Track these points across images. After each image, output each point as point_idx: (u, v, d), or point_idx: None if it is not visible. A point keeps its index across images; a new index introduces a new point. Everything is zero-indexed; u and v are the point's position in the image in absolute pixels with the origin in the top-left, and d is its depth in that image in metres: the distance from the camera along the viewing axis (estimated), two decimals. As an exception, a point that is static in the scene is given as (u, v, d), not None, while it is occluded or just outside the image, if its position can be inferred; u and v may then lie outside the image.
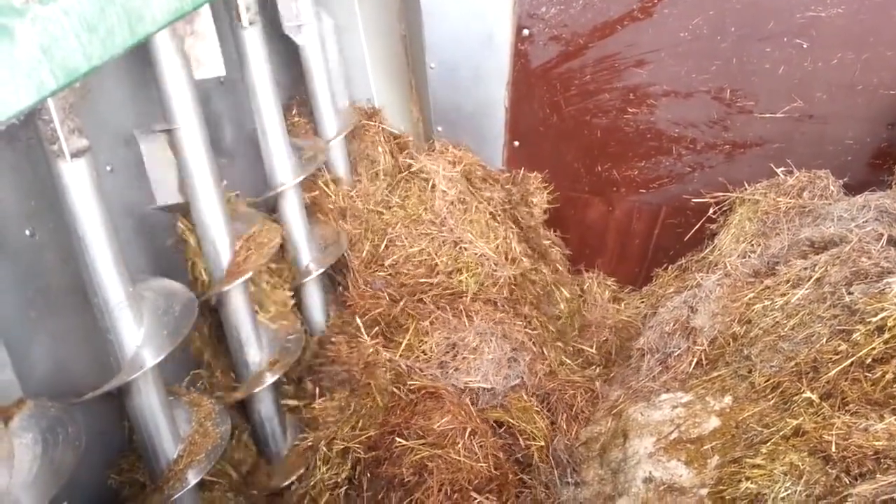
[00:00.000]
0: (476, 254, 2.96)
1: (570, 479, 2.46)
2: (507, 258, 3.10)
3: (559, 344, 3.03)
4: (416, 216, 3.02)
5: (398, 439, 2.26)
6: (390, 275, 2.84)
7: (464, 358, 2.57)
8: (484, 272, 2.94)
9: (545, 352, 2.84)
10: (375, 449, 2.28)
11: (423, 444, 2.24)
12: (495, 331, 2.68)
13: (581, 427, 2.65)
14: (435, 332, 2.64)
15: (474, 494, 2.14)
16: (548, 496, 2.41)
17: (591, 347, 3.14)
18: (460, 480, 2.17)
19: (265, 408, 2.39)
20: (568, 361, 2.94)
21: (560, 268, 3.44)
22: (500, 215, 3.23)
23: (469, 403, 2.44)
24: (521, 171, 3.51)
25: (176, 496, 1.86)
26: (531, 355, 2.72)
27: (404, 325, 2.69)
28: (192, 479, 1.90)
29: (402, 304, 2.76)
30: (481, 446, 2.28)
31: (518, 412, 2.53)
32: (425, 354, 2.59)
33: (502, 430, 2.50)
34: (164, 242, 2.19)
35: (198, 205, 2.09)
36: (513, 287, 3.00)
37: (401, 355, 2.56)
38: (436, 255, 2.91)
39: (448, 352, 2.60)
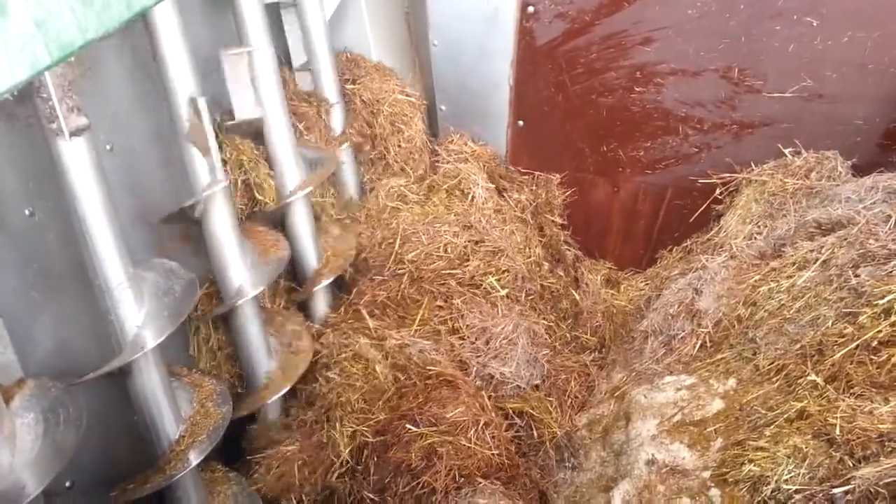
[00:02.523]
0: (510, 263, 2.93)
1: (567, 464, 2.47)
2: (535, 266, 3.09)
3: (567, 335, 3.02)
4: (435, 215, 2.97)
5: (409, 426, 2.26)
6: (411, 271, 2.81)
7: (499, 346, 2.57)
8: (510, 277, 2.91)
9: (556, 346, 2.85)
10: (383, 434, 2.28)
11: (433, 431, 2.25)
12: (523, 323, 2.68)
13: (575, 412, 2.66)
14: (468, 311, 2.62)
15: (480, 480, 2.14)
16: (542, 477, 2.42)
17: (586, 333, 3.13)
18: (469, 467, 2.17)
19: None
20: (562, 348, 2.93)
21: (572, 271, 3.42)
22: (529, 221, 3.20)
23: (485, 396, 2.44)
24: (542, 175, 3.49)
25: (177, 476, 1.87)
26: (548, 350, 2.73)
27: (419, 302, 2.67)
28: (194, 459, 1.90)
29: (416, 283, 2.73)
30: (493, 437, 2.29)
31: (536, 402, 2.54)
32: (457, 334, 2.58)
33: (523, 422, 2.51)
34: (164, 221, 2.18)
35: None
36: (531, 290, 2.99)
37: (421, 335, 2.55)
38: (470, 255, 2.86)
39: (480, 337, 2.59)
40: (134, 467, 1.93)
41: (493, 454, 2.23)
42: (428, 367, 2.43)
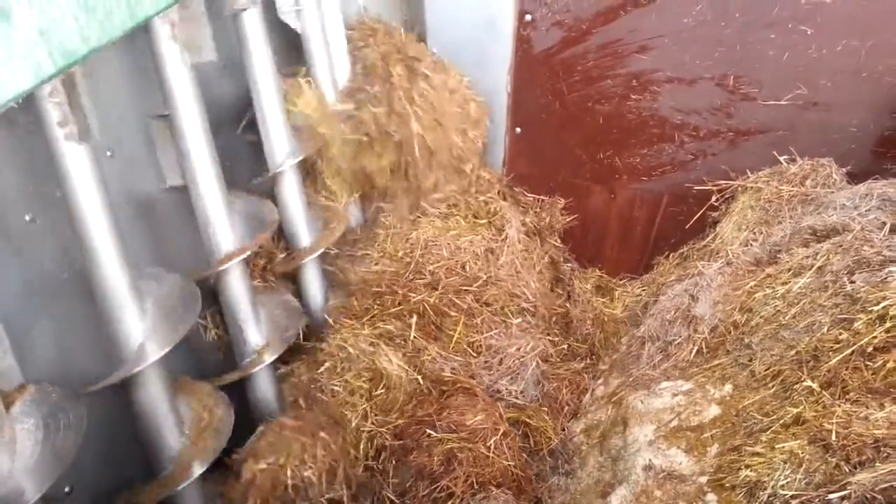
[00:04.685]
0: (530, 306, 2.93)
1: (561, 470, 2.48)
2: (547, 294, 3.11)
3: (563, 347, 3.03)
4: (458, 231, 2.96)
5: (429, 430, 2.26)
6: (428, 282, 2.79)
7: (511, 365, 2.60)
8: (524, 308, 2.93)
9: (553, 359, 2.87)
10: (402, 437, 2.29)
11: (453, 437, 2.25)
12: (538, 346, 2.70)
13: (567, 420, 2.67)
14: (485, 330, 2.64)
15: (492, 488, 2.15)
16: (537, 482, 2.43)
17: (577, 341, 3.14)
18: (486, 475, 2.18)
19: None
20: (556, 359, 2.94)
21: (568, 287, 3.44)
22: (538, 249, 3.22)
23: (499, 406, 2.46)
24: (547, 199, 3.53)
25: (181, 487, 1.87)
26: (548, 365, 2.74)
27: (453, 317, 2.68)
28: (198, 470, 1.90)
29: (440, 294, 2.73)
30: (510, 447, 2.30)
31: (531, 411, 2.56)
32: (480, 354, 2.60)
33: (518, 430, 2.53)
34: (164, 227, 2.19)
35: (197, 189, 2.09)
36: (542, 316, 3.01)
37: (454, 349, 2.57)
38: (492, 285, 2.87)
39: (494, 355, 2.61)
40: (135, 473, 1.93)
41: (509, 465, 2.25)
42: (444, 375, 2.44)
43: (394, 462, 2.25)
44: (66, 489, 1.73)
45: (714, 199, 3.22)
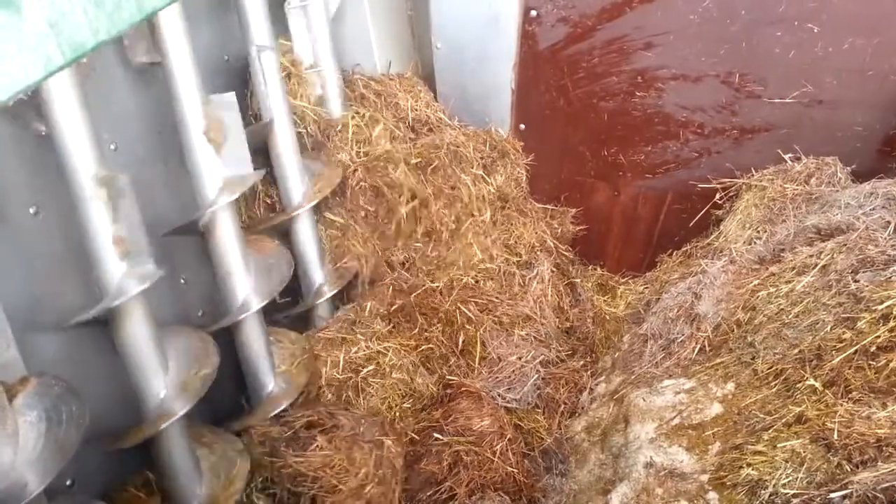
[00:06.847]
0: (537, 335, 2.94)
1: (556, 470, 2.48)
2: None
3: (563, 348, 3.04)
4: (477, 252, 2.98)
5: (437, 435, 2.27)
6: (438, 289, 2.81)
7: (510, 375, 2.62)
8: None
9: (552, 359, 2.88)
10: (413, 444, 2.30)
11: (460, 440, 2.27)
12: (539, 357, 2.72)
13: (565, 419, 2.68)
14: (492, 340, 2.66)
15: (489, 491, 2.16)
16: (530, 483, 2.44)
17: (576, 339, 3.13)
18: (488, 479, 2.20)
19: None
20: (554, 360, 2.94)
21: (582, 300, 3.43)
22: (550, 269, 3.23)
23: (504, 410, 2.48)
24: (557, 208, 3.54)
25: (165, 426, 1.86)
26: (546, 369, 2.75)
27: (470, 332, 2.69)
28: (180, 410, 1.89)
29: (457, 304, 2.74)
30: (514, 453, 2.31)
31: (523, 413, 2.57)
32: (486, 366, 2.62)
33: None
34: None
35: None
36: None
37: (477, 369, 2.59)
38: (507, 303, 2.89)
39: (495, 364, 2.63)
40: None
41: (512, 471, 2.25)
42: (449, 378, 2.45)
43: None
44: (68, 482, 1.73)
45: (718, 196, 3.22)
